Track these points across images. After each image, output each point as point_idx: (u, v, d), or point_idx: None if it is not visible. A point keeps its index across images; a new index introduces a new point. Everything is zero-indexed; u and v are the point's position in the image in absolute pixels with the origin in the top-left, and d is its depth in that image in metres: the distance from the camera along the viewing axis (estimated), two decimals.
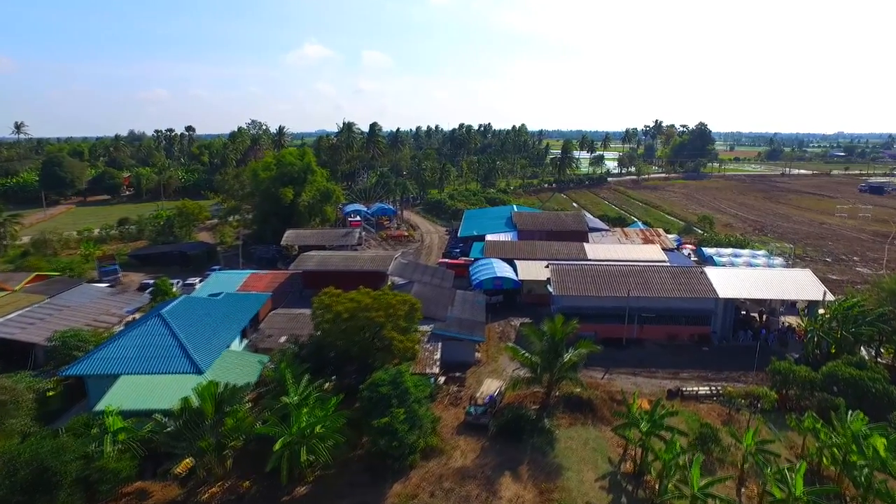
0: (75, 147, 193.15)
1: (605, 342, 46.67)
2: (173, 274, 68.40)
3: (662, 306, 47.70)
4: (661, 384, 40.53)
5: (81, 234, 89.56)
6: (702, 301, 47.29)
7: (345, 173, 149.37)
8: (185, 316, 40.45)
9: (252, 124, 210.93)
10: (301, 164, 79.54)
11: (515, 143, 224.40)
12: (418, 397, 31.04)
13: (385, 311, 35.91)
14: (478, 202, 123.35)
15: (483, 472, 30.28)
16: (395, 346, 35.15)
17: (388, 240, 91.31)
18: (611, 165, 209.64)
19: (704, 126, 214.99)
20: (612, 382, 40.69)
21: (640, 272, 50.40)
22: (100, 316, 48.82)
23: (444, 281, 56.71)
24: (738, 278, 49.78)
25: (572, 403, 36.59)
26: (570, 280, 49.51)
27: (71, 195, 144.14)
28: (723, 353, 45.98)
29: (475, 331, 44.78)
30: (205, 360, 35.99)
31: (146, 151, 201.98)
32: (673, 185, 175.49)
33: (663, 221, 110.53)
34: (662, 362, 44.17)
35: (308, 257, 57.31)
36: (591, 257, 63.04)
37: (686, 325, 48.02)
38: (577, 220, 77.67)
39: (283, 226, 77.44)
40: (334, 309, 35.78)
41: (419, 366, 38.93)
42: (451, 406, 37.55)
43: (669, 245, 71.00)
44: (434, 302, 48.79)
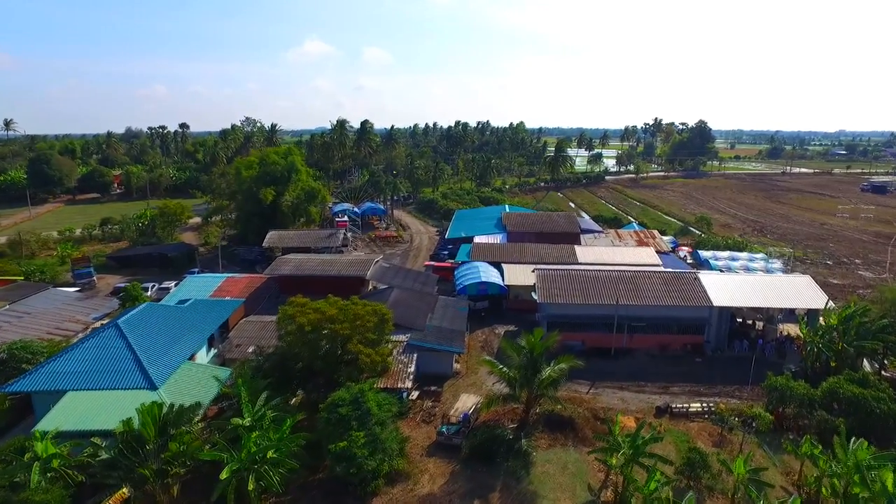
0: (67, 144, 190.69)
1: (594, 352, 44.63)
2: (153, 276, 66.26)
3: (653, 314, 45.30)
4: (650, 399, 38.13)
5: (62, 235, 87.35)
6: (695, 309, 44.89)
7: (337, 172, 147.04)
8: (145, 325, 38.15)
9: (246, 121, 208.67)
10: (285, 164, 77.11)
11: (513, 140, 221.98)
12: (382, 418, 28.72)
13: (351, 323, 33.56)
14: (471, 201, 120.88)
15: (450, 501, 27.95)
16: (362, 360, 32.82)
17: (377, 240, 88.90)
18: (609, 164, 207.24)
19: (704, 124, 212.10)
20: (598, 397, 38.33)
21: (631, 278, 47.99)
22: (63, 323, 46.62)
23: (426, 286, 54.35)
24: (734, 284, 47.35)
25: (553, 422, 34.25)
26: (556, 286, 47.11)
27: (60, 193, 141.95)
28: (717, 364, 43.57)
29: (454, 341, 42.42)
30: (160, 375, 33.74)
31: (139, 149, 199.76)
32: (672, 183, 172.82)
33: (660, 222, 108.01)
34: (652, 374, 41.77)
35: (284, 261, 54.95)
36: (581, 260, 60.66)
37: (678, 334, 45.64)
38: (569, 222, 75.24)
39: (266, 226, 75.12)
40: (298, 320, 33.41)
41: (391, 380, 36.62)
42: (424, 424, 35.24)
43: (664, 248, 68.57)
44: (413, 309, 46.49)
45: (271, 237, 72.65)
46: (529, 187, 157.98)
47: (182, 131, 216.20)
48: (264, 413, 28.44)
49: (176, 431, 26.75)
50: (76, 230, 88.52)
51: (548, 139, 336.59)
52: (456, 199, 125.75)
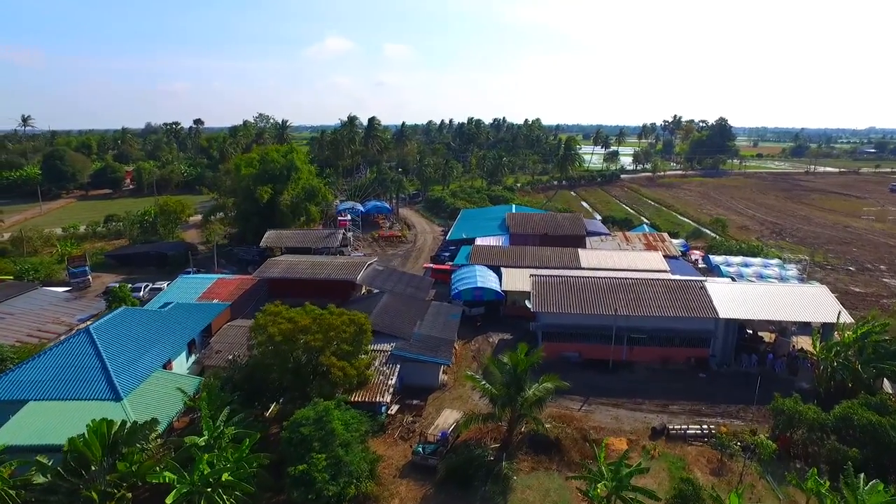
0: (84, 140, 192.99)
1: (591, 364, 42.32)
2: (149, 276, 65.47)
3: (655, 326, 42.66)
4: (647, 419, 35.62)
5: (66, 231, 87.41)
6: (700, 321, 42.12)
7: (346, 169, 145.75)
8: (119, 331, 36.86)
9: (259, 117, 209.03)
10: (284, 162, 75.70)
11: (528, 138, 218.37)
12: (347, 439, 26.80)
13: (325, 335, 31.75)
14: (480, 200, 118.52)
15: None
16: (334, 374, 30.97)
17: (379, 240, 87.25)
18: (626, 161, 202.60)
19: (725, 121, 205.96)
20: (590, 415, 35.95)
21: (632, 286, 45.36)
22: (45, 325, 45.71)
23: (419, 291, 52.40)
24: (743, 294, 44.41)
25: (538, 443, 32.03)
26: (552, 294, 44.72)
27: (73, 189, 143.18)
28: (722, 380, 40.79)
29: (440, 351, 40.39)
30: (128, 385, 32.36)
31: (154, 145, 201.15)
32: (689, 182, 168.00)
33: (674, 223, 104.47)
34: (652, 391, 39.18)
35: (274, 263, 53.44)
36: (584, 265, 58.10)
37: (682, 346, 42.91)
38: (574, 224, 72.52)
39: (265, 226, 73.84)
40: (269, 330, 31.70)
41: (369, 393, 34.75)
42: (402, 441, 33.31)
43: (674, 252, 65.56)
44: (401, 316, 44.56)
45: (269, 237, 71.30)
46: (542, 186, 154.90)
47: (196, 127, 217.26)
48: (223, 431, 26.75)
49: (127, 450, 25.19)
50: (80, 227, 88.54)
51: (563, 136, 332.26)
52: (465, 197, 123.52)
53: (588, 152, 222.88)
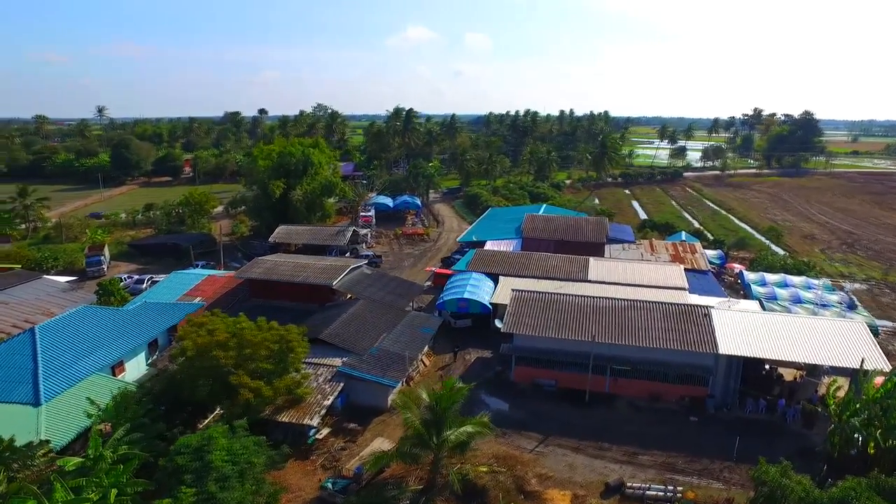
0: (157, 129, 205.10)
1: (567, 395, 37.70)
2: (167, 266, 66.96)
3: (643, 356, 37.23)
4: (606, 470, 30.75)
5: (108, 219, 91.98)
6: (695, 355, 36.22)
7: (388, 162, 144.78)
8: (68, 331, 36.69)
9: (318, 107, 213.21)
10: (300, 156, 74.87)
11: (589, 131, 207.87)
12: (227, 473, 24.41)
13: (239, 351, 29.59)
14: (520, 197, 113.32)
15: None
16: (243, 394, 28.73)
17: (400, 238, 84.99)
18: (695, 158, 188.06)
19: (811, 115, 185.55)
20: (541, 459, 31.57)
21: (624, 308, 39.95)
22: (34, 315, 46.83)
23: (401, 298, 49.43)
24: (756, 325, 37.78)
25: (465, 488, 28.23)
26: (528, 313, 40.25)
27: (137, 176, 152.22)
28: (716, 427, 34.79)
29: (390, 370, 37.27)
30: (54, 389, 31.80)
31: (219, 134, 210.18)
32: (762, 183, 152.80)
33: (727, 229, 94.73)
34: (626, 433, 34.03)
35: (258, 262, 52.27)
36: (592, 277, 52.69)
37: (675, 383, 37.18)
38: (596, 229, 66.49)
39: (279, 220, 73.64)
40: (183, 344, 30.03)
41: (299, 413, 32.37)
42: (323, 469, 30.66)
43: (702, 265, 58.30)
44: (367, 327, 41.81)
45: (279, 232, 70.97)
46: (594, 183, 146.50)
47: (260, 116, 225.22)
48: (101, 454, 25.18)
49: None
50: (121, 215, 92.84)
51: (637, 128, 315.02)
52: (507, 193, 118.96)
53: (654, 147, 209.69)
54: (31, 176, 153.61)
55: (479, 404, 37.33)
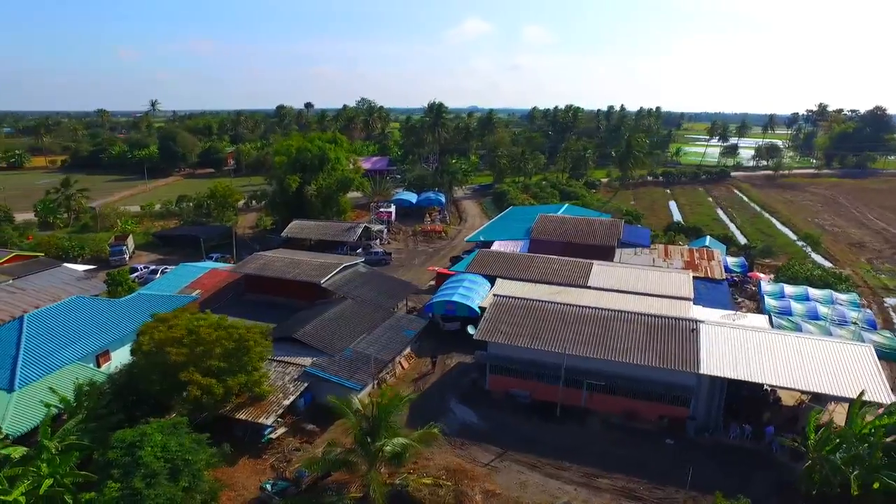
0: (206, 122, 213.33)
1: (540, 408, 36.23)
2: (185, 256, 69.47)
3: (619, 372, 35.15)
4: (559, 491, 29.22)
5: (144, 210, 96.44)
6: (676, 373, 33.83)
7: (422, 157, 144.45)
8: (56, 320, 38.49)
9: (361, 101, 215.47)
10: (316, 151, 75.64)
11: (635, 128, 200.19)
12: (156, 470, 24.68)
13: (191, 348, 29.96)
14: (549, 196, 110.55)
15: None
16: (191, 391, 29.07)
17: (418, 235, 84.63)
18: (748, 156, 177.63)
19: (882, 110, 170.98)
20: (492, 475, 30.35)
21: (607, 319, 37.88)
22: (45, 301, 49.31)
23: (391, 299, 49.04)
24: (750, 345, 34.84)
25: (402, 500, 27.53)
26: (506, 320, 38.85)
27: (184, 168, 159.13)
28: (693, 452, 32.30)
29: (360, 372, 36.89)
30: (30, 376, 33.42)
31: (266, 126, 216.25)
32: (819, 184, 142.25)
33: (766, 234, 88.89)
34: (592, 453, 32.21)
35: (255, 258, 53.16)
36: (593, 283, 50.41)
37: (654, 401, 34.92)
38: (608, 232, 63.62)
39: (295, 215, 74.82)
40: (141, 338, 30.74)
41: (257, 411, 32.58)
42: (272, 469, 30.72)
43: (717, 274, 54.66)
44: (346, 327, 41.66)
45: (292, 227, 72.12)
46: (632, 182, 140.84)
47: (305, 110, 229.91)
48: (44, 443, 26.06)
49: None
50: (156, 206, 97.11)
51: (689, 125, 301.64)
52: (537, 191, 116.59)
53: (705, 144, 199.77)
54: (91, 166, 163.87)
55: (446, 412, 36.51)
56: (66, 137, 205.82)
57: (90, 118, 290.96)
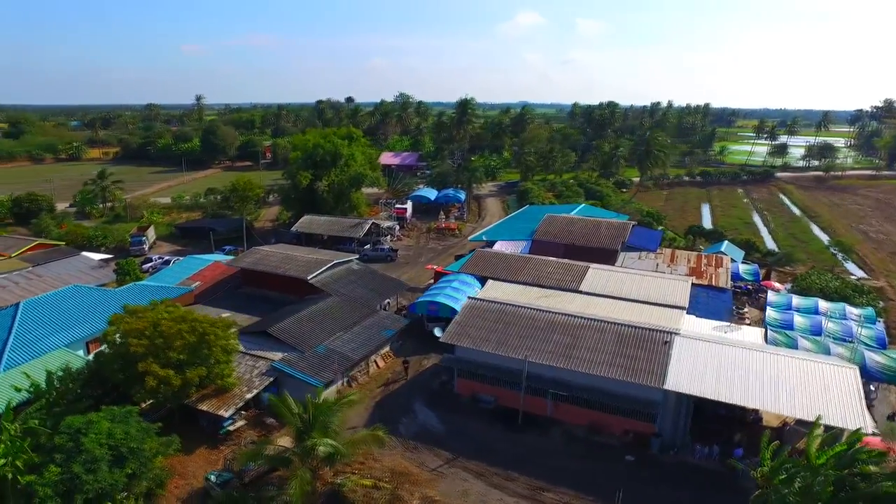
0: (249, 116, 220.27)
1: (505, 415, 35.67)
2: (203, 248, 72.28)
3: (584, 382, 34.04)
4: (500, 502, 28.60)
5: (174, 201, 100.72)
6: (642, 387, 32.43)
7: (451, 152, 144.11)
8: (51, 307, 40.82)
9: (399, 96, 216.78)
10: (329, 147, 76.71)
11: (679, 125, 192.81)
12: (95, 456, 25.73)
13: (152, 340, 31.09)
14: (575, 195, 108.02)
15: None
16: (148, 381, 30.17)
17: (431, 232, 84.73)
18: (799, 155, 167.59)
19: None
20: (436, 481, 30.03)
21: (578, 327, 36.72)
22: (58, 287, 52.57)
23: (377, 297, 49.29)
24: (726, 362, 32.93)
25: (336, 501, 27.69)
26: (476, 324, 38.31)
27: (223, 160, 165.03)
28: (652, 471, 30.95)
29: (326, 370, 37.28)
30: (17, 360, 35.59)
31: (306, 121, 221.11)
32: (875, 187, 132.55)
33: (797, 239, 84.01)
34: (545, 465, 31.31)
35: (252, 252, 54.53)
36: (585, 288, 48.90)
37: (619, 415, 33.63)
38: (614, 235, 61.48)
39: (307, 210, 76.30)
40: (108, 329, 32.14)
41: (217, 403, 33.52)
42: (226, 461, 31.52)
43: (723, 282, 51.96)
44: (325, 324, 42.19)
45: (302, 221, 73.59)
46: (667, 181, 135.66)
47: (347, 104, 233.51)
48: (3, 425, 27.64)
49: None
50: (185, 197, 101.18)
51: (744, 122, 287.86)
52: (563, 189, 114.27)
53: (751, 142, 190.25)
54: (140, 158, 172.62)
55: (409, 413, 36.46)
56: (122, 130, 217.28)
57: (148, 111, 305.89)
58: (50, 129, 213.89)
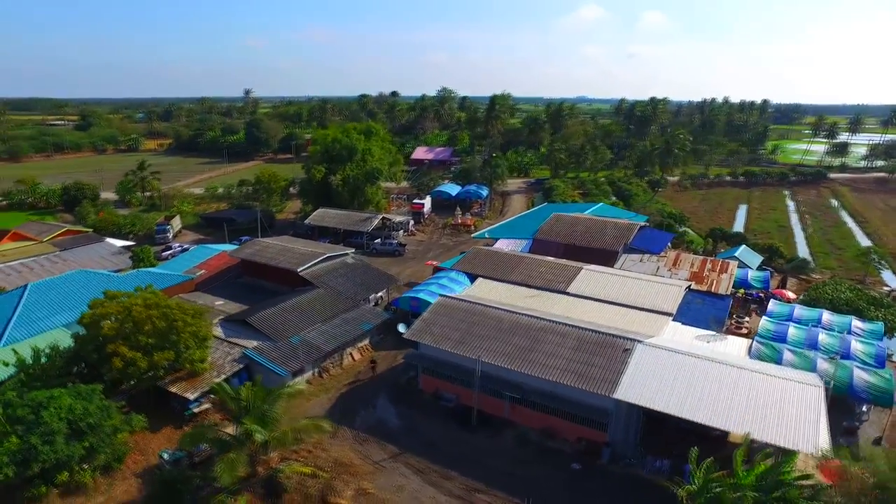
0: (297, 109, 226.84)
1: (463, 413, 35.74)
2: (222, 237, 75.72)
3: (537, 386, 33.59)
4: (432, 500, 28.72)
5: (207, 192, 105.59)
6: (595, 395, 31.68)
7: (486, 148, 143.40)
8: (57, 290, 44.10)
9: (442, 90, 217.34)
10: (346, 142, 78.27)
11: (730, 122, 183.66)
12: (53, 429, 27.80)
13: (120, 325, 33.19)
14: (603, 194, 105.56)
15: None
16: (114, 362, 32.25)
17: (446, 228, 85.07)
18: (861, 154, 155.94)
19: None
20: (376, 474, 30.53)
21: (540, 330, 36.22)
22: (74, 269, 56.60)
23: (364, 291, 50.20)
24: (682, 374, 31.63)
25: (274, 486, 28.72)
26: (441, 322, 38.45)
27: (266, 153, 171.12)
28: (596, 481, 30.20)
29: (294, 360, 38.49)
30: (17, 336, 38.72)
31: (351, 115, 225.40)
32: None
33: (836, 246, 78.77)
34: (486, 466, 31.14)
35: (252, 244, 56.65)
36: (573, 290, 47.90)
37: (572, 422, 33.02)
38: (617, 236, 59.61)
39: (323, 203, 78.29)
40: (88, 311, 34.52)
41: (185, 386, 35.38)
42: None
43: (721, 289, 49.61)
44: (304, 315, 43.57)
45: (316, 215, 75.62)
46: (707, 181, 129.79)
47: (392, 98, 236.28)
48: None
49: None
50: (219, 188, 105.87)
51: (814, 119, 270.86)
52: (592, 188, 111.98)
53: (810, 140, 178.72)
54: (190, 149, 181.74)
55: (369, 406, 37.15)
56: (179, 123, 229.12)
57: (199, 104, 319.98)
58: (116, 122, 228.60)
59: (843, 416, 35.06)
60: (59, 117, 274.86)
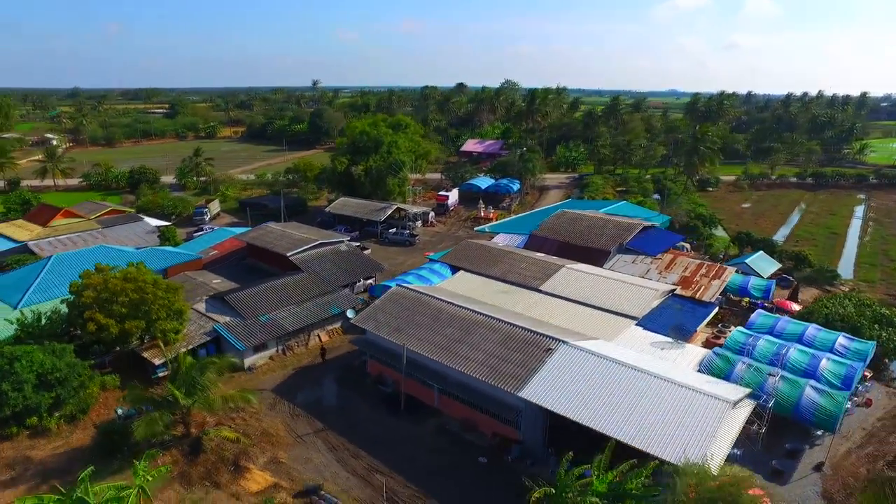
0: (365, 100, 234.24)
1: (394, 399, 37.41)
2: (255, 221, 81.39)
3: (458, 379, 34.40)
4: (332, 474, 30.67)
5: (258, 178, 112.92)
6: (505, 392, 32.08)
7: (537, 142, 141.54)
8: (77, 261, 50.01)
9: (505, 83, 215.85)
10: (374, 134, 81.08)
11: (812, 118, 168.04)
12: (22, 379, 32.34)
13: (98, 294, 37.67)
14: (638, 192, 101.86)
15: (26, 469, 30.61)
16: (89, 326, 36.78)
17: (468, 220, 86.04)
18: None
19: None
20: (295, 446, 32.91)
21: (472, 324, 36.79)
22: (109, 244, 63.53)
23: (348, 277, 52.77)
24: (597, 379, 31.11)
25: (196, 446, 31.83)
26: (388, 310, 39.96)
27: (327, 141, 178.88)
28: (493, 477, 30.56)
29: (255, 336, 41.69)
30: (33, 300, 44.73)
31: (417, 106, 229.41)
32: None
33: (890, 258, 71.44)
34: (394, 451, 32.45)
35: (258, 228, 60.65)
36: (547, 289, 47.80)
37: (488, 416, 33.61)
38: (615, 235, 57.80)
39: (348, 193, 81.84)
40: (75, 282, 39.40)
41: (155, 353, 39.50)
42: None
43: (707, 296, 47.25)
44: (281, 296, 46.72)
45: (336, 204, 79.25)
46: (767, 182, 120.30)
47: (457, 89, 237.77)
48: None
49: None
50: (267, 175, 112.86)
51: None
52: (634, 184, 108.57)
53: None
54: (259, 137, 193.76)
55: (314, 385, 39.64)
56: (254, 112, 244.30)
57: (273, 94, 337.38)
58: (201, 111, 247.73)
59: (793, 437, 33.06)
60: (156, 105, 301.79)
